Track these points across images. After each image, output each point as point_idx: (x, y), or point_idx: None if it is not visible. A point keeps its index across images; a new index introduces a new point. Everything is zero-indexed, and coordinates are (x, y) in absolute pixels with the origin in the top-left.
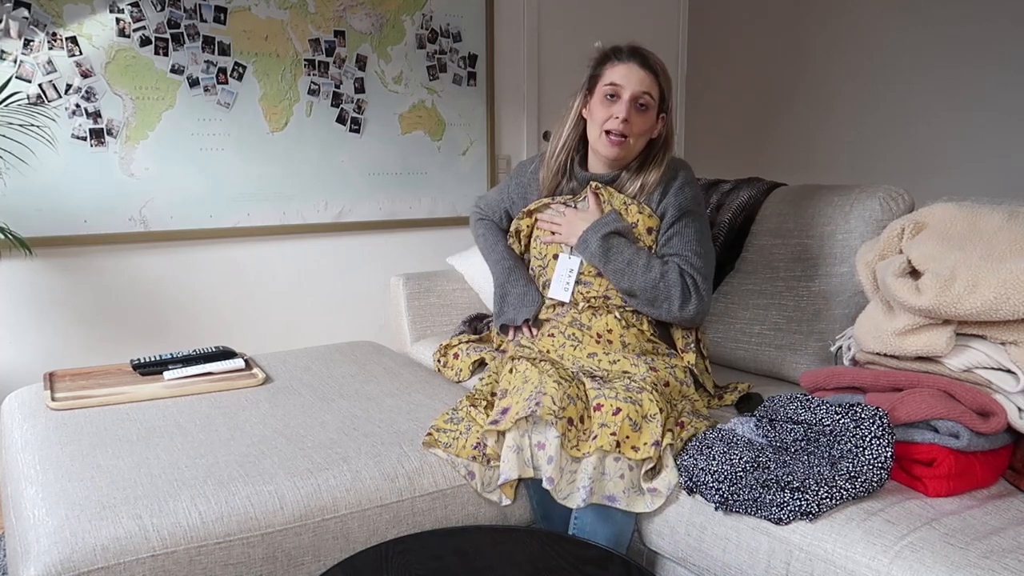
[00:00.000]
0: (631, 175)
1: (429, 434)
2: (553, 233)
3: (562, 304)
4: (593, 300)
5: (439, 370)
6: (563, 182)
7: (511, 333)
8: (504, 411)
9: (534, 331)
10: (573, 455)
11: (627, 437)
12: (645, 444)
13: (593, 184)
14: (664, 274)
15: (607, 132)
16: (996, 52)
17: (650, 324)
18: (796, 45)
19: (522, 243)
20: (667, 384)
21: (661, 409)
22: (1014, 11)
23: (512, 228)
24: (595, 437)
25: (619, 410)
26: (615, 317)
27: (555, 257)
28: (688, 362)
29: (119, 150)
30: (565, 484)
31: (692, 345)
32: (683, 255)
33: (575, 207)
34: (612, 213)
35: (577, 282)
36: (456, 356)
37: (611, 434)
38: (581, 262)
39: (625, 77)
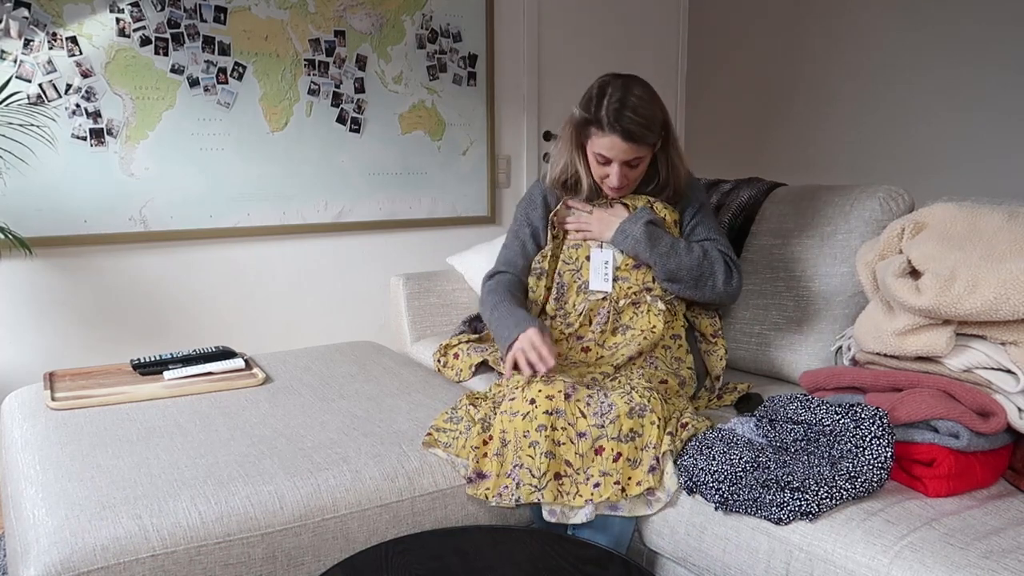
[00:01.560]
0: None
1: (429, 434)
2: (582, 232)
3: (600, 303)
4: (634, 295)
5: (439, 370)
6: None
7: (521, 359)
8: (480, 475)
9: (547, 349)
10: (573, 504)
11: (628, 478)
12: (644, 473)
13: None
14: (706, 252)
15: (606, 183)
16: (996, 52)
17: (683, 319)
18: (796, 45)
19: (549, 267)
20: (664, 382)
21: (660, 420)
22: (1014, 11)
23: (537, 264)
24: (597, 485)
25: (619, 455)
26: (655, 313)
27: (587, 259)
28: (723, 349)
29: (119, 150)
30: (568, 510)
31: (721, 332)
32: (712, 238)
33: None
34: (643, 207)
35: (614, 279)
36: (456, 356)
37: (615, 483)
38: (614, 255)
39: (610, 150)
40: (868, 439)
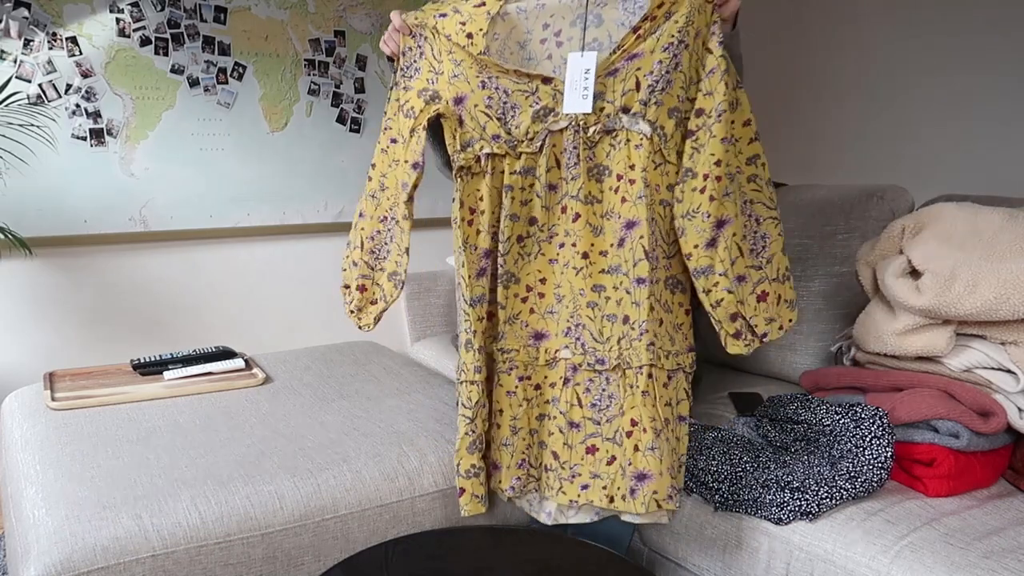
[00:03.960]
0: None
1: (463, 491)
2: None
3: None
4: (606, 119)
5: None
6: None
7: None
8: (495, 465)
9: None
10: (559, 501)
11: (623, 497)
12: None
13: None
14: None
15: None
16: (996, 52)
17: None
18: (797, 45)
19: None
20: (666, 384)
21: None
22: (1015, 13)
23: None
24: (586, 487)
25: (614, 459)
26: (635, 145)
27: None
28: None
29: (119, 150)
30: (566, 509)
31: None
32: None
33: None
34: None
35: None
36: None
37: (602, 488)
38: (596, 59)
39: None
40: (868, 439)
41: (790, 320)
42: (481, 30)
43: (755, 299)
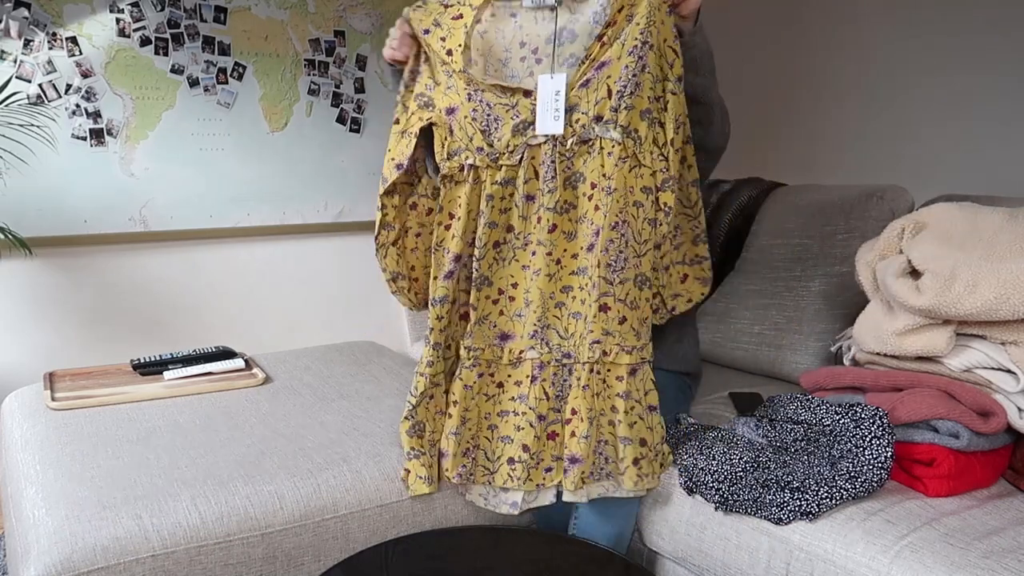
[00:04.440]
0: None
1: (408, 471)
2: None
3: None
4: (582, 129)
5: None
6: None
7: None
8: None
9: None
10: (527, 488)
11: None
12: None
13: None
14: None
15: None
16: (997, 52)
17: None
18: (796, 45)
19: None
20: (623, 378)
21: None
22: (1015, 13)
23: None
24: (549, 470)
25: (588, 436)
26: (608, 153)
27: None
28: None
29: (119, 150)
30: (528, 495)
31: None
32: None
33: None
34: None
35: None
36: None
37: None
38: (567, 78)
39: None
40: (868, 439)
41: (701, 294)
42: (460, 46)
43: (668, 277)
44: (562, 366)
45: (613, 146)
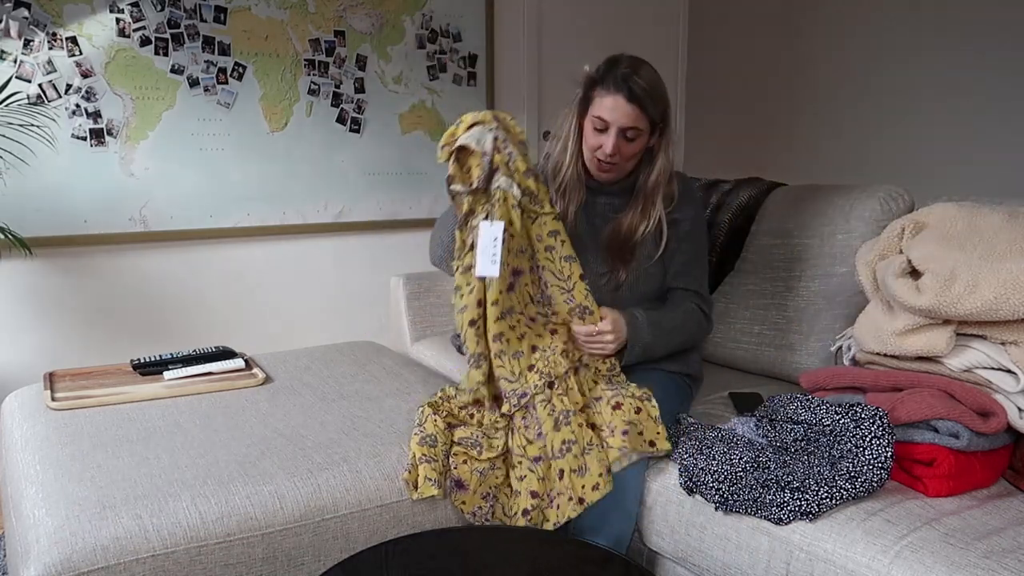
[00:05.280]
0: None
1: (409, 471)
2: (598, 346)
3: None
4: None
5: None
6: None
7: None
8: (460, 484)
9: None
10: (547, 527)
11: (583, 486)
12: (596, 476)
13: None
14: (686, 316)
15: (597, 158)
16: (997, 52)
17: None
18: (796, 45)
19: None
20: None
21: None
22: (1014, 12)
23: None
24: (558, 506)
25: (562, 471)
26: (512, 206)
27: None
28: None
29: (119, 150)
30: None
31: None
32: (688, 289)
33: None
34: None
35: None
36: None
37: (568, 499)
38: (504, 229)
39: (612, 111)
40: (868, 439)
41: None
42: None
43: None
44: (524, 408)
45: (516, 201)
